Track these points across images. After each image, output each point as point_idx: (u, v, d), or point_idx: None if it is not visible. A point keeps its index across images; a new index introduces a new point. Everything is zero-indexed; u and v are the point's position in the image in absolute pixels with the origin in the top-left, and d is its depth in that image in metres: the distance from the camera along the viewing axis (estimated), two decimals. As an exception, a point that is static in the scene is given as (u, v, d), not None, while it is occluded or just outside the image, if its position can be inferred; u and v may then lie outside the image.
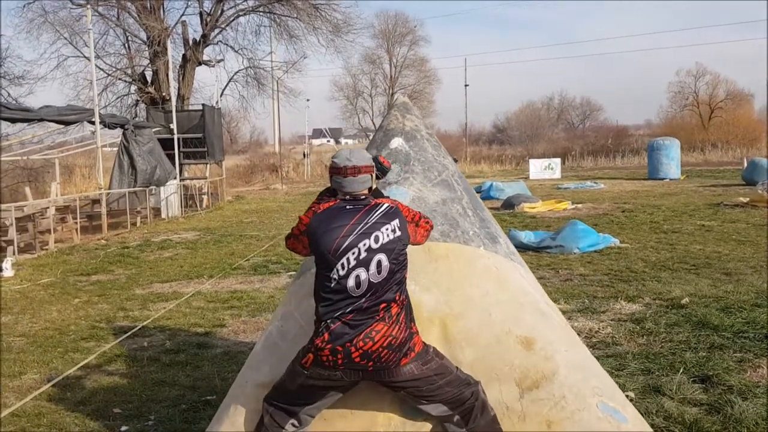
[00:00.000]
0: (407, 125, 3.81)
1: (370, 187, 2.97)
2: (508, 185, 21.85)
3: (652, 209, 16.36)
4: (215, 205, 23.49)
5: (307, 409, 2.90)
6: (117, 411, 4.78)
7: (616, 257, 10.07)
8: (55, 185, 18.35)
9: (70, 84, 32.19)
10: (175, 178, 20.73)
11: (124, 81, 27.99)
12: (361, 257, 2.74)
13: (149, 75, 27.13)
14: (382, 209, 2.84)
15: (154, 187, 19.33)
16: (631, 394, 4.39)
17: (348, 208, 2.85)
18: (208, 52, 28.23)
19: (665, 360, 5.25)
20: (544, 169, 31.81)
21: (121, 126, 18.97)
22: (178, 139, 21.76)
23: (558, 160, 33.00)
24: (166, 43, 24.44)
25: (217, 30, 27.84)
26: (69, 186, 25.19)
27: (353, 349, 2.70)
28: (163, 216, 19.90)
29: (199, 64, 27.48)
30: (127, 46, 27.57)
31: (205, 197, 23.44)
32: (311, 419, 2.94)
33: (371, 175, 2.95)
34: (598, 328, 6.23)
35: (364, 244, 2.75)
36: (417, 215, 2.96)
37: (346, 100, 58.24)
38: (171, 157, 20.98)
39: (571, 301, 7.34)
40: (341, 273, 2.74)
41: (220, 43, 28.46)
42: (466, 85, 53.97)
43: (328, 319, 2.74)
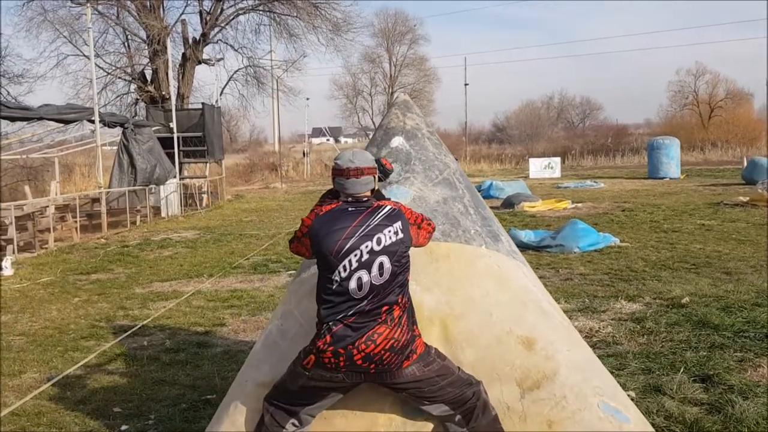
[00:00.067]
0: (408, 124, 3.79)
1: (373, 189, 2.96)
2: (508, 184, 21.84)
3: (652, 208, 16.36)
4: (215, 203, 23.47)
5: (307, 409, 2.90)
6: (117, 410, 4.78)
7: (617, 256, 10.06)
8: (55, 184, 18.36)
9: (69, 83, 32.24)
10: (174, 177, 20.72)
11: (124, 80, 27.99)
12: (363, 259, 2.73)
13: (149, 74, 27.12)
14: (384, 211, 2.83)
15: (154, 185, 19.32)
16: (632, 394, 4.39)
17: (350, 210, 2.83)
18: (208, 51, 28.25)
19: (666, 359, 5.24)
20: (544, 168, 31.79)
21: (121, 125, 18.95)
22: (177, 138, 21.74)
23: (558, 159, 32.98)
24: (166, 42, 24.41)
25: (217, 29, 27.83)
26: (69, 185, 25.18)
27: (355, 351, 2.69)
28: (162, 215, 19.89)
29: (199, 62, 27.47)
30: (126, 44, 27.57)
31: (205, 196, 23.42)
32: (312, 419, 2.94)
33: (374, 177, 2.94)
34: (599, 328, 6.22)
35: (367, 246, 2.74)
36: (419, 217, 2.95)
37: (345, 99, 58.28)
38: (171, 155, 20.98)
39: (572, 301, 7.34)
40: (343, 275, 2.73)
41: (219, 41, 28.48)
42: (465, 84, 53.81)
43: (330, 322, 2.73)
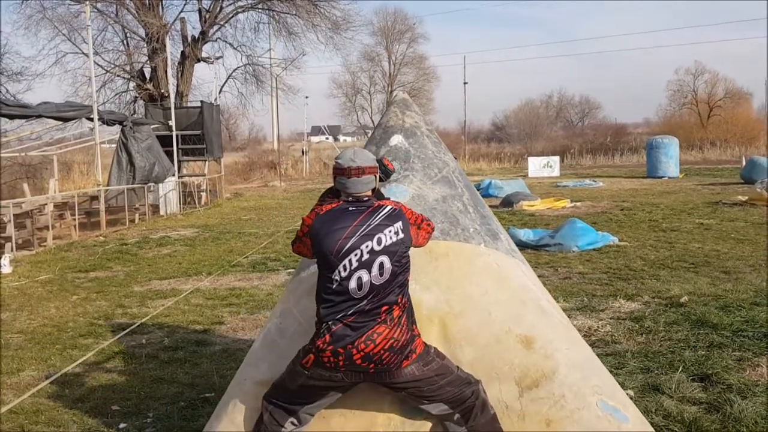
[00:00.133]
0: (407, 122, 3.78)
1: (374, 189, 2.96)
2: (507, 183, 21.83)
3: (650, 207, 16.36)
4: (214, 202, 23.46)
5: (306, 408, 2.89)
6: (115, 408, 4.77)
7: (615, 255, 10.07)
8: (54, 182, 18.35)
9: (68, 80, 32.27)
10: (173, 175, 20.71)
11: (123, 78, 27.99)
12: (363, 259, 2.72)
13: (148, 72, 27.11)
14: (385, 211, 2.82)
15: (153, 184, 19.30)
16: (631, 393, 4.39)
17: (351, 209, 2.83)
18: (207, 49, 28.27)
19: (664, 358, 5.24)
20: (542, 167, 31.79)
21: (120, 123, 18.94)
22: (176, 136, 21.73)
23: (557, 158, 32.98)
24: (165, 40, 24.39)
25: (216, 27, 27.83)
26: (67, 182, 25.15)
27: (355, 351, 2.69)
28: (161, 213, 19.87)
29: (198, 61, 27.47)
30: (125, 42, 27.57)
31: (204, 194, 23.41)
32: (311, 418, 2.93)
33: (375, 176, 2.94)
34: (597, 327, 6.22)
35: (367, 246, 2.73)
36: (419, 218, 2.94)
37: (344, 98, 58.27)
38: (169, 153, 20.96)
39: (570, 300, 7.33)
40: (343, 274, 2.73)
41: (218, 40, 28.51)
42: (465, 82, 53.75)
43: (329, 321, 2.73)
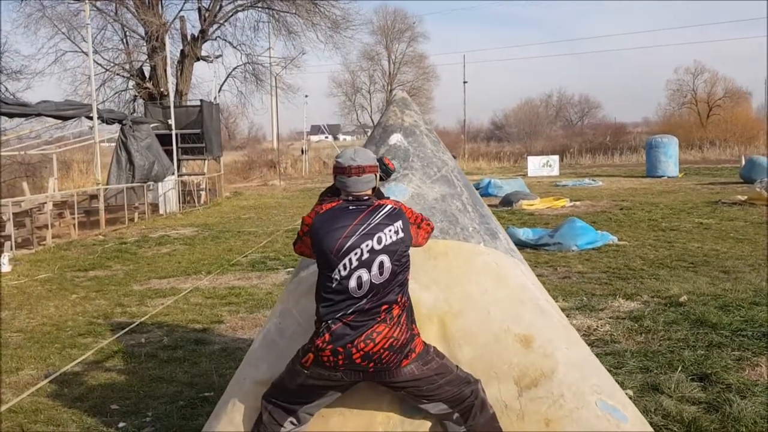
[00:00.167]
0: (406, 121, 3.78)
1: (374, 188, 2.95)
2: (507, 182, 21.83)
3: (650, 207, 16.37)
4: (213, 201, 23.45)
5: (306, 407, 2.89)
6: (114, 407, 4.77)
7: (615, 255, 10.07)
8: (53, 180, 18.33)
9: (67, 79, 32.25)
10: (173, 174, 20.69)
11: (122, 76, 27.96)
12: (363, 258, 2.72)
13: (147, 70, 27.09)
14: (385, 210, 2.82)
15: (152, 182, 19.28)
16: (630, 392, 4.39)
17: (351, 208, 2.83)
18: (207, 48, 28.23)
19: (663, 358, 5.24)
20: (542, 166, 31.77)
21: (119, 121, 18.91)
22: (176, 135, 21.70)
23: (556, 158, 32.96)
24: (165, 39, 24.37)
25: (216, 25, 27.81)
26: (66, 181, 25.15)
27: (354, 350, 2.69)
28: (161, 212, 19.85)
29: (198, 59, 27.44)
30: (125, 41, 27.53)
31: (203, 193, 23.40)
32: (310, 417, 2.93)
33: (375, 175, 2.93)
34: (597, 326, 6.22)
35: (367, 245, 2.73)
36: (419, 217, 2.94)
37: (344, 97, 58.30)
38: (169, 152, 20.93)
39: (570, 299, 7.34)
40: (343, 273, 2.73)
41: (218, 38, 28.47)
42: (464, 81, 53.66)
43: (329, 320, 2.73)
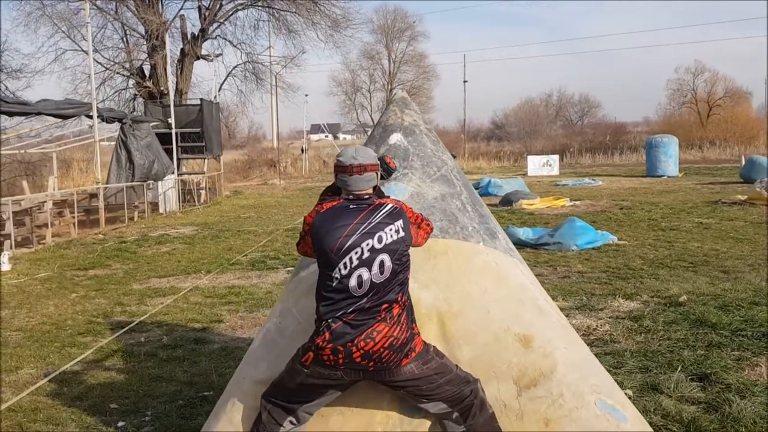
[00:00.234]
0: (406, 120, 3.79)
1: (375, 186, 2.95)
2: (506, 182, 21.82)
3: (650, 206, 16.37)
4: (213, 200, 23.44)
5: (305, 406, 2.89)
6: (114, 406, 4.77)
7: (614, 254, 10.07)
8: (53, 179, 18.33)
9: (67, 78, 32.24)
10: (172, 173, 20.68)
11: (122, 75, 27.92)
12: (363, 257, 2.72)
13: (147, 69, 27.06)
14: (386, 209, 2.82)
15: (152, 181, 19.28)
16: (629, 392, 4.39)
17: (352, 207, 2.83)
18: (207, 47, 28.18)
19: (663, 358, 5.24)
20: (542, 165, 31.77)
21: (119, 120, 18.91)
22: (176, 134, 21.69)
23: (556, 157, 32.96)
24: (165, 37, 24.34)
25: (216, 24, 27.77)
26: (66, 180, 25.15)
27: (354, 349, 2.69)
28: (160, 211, 19.85)
29: (198, 58, 27.40)
30: (125, 39, 27.49)
31: (203, 192, 23.39)
32: (309, 417, 2.93)
33: (376, 174, 2.93)
34: (596, 326, 6.22)
35: (368, 244, 2.73)
36: (419, 217, 2.94)
37: (344, 96, 58.35)
38: (169, 151, 20.92)
39: (569, 299, 7.34)
40: (343, 272, 2.73)
41: (218, 37, 28.42)
42: (464, 81, 53.59)
43: (329, 319, 2.73)
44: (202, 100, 23.98)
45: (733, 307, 6.60)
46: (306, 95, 43.20)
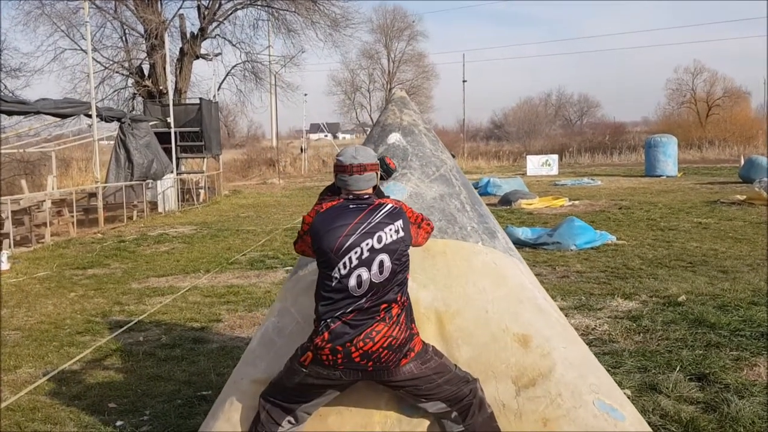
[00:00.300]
0: (405, 120, 3.78)
1: (375, 186, 2.95)
2: (506, 181, 21.83)
3: (649, 206, 16.37)
4: (212, 199, 23.43)
5: (304, 406, 2.89)
6: (112, 406, 4.77)
7: (613, 254, 10.07)
8: (52, 178, 18.32)
9: (66, 77, 32.19)
10: (171, 172, 20.67)
11: (122, 74, 27.92)
12: (363, 257, 2.72)
13: (146, 68, 27.05)
14: (386, 209, 2.82)
15: (151, 180, 19.27)
16: (628, 392, 4.39)
17: (351, 207, 2.82)
18: (206, 46, 28.18)
19: (662, 358, 5.24)
20: (541, 165, 31.78)
21: (118, 119, 18.89)
22: (175, 133, 21.67)
23: (555, 157, 32.97)
24: (164, 37, 24.34)
25: (215, 23, 27.77)
26: (65, 179, 25.11)
27: (353, 349, 2.69)
28: (159, 210, 19.84)
29: (197, 57, 27.40)
30: (124, 39, 27.48)
31: (202, 191, 23.38)
32: (308, 416, 2.93)
33: (376, 174, 2.93)
34: (595, 326, 6.23)
35: (367, 244, 2.73)
36: (419, 217, 2.94)
37: (343, 95, 58.41)
38: (168, 150, 20.91)
39: (568, 298, 7.34)
40: (343, 272, 2.73)
41: (217, 36, 28.43)
42: (464, 80, 53.67)
43: (328, 318, 2.73)
44: (201, 99, 23.97)
45: (732, 307, 6.60)
46: (305, 95, 43.11)
